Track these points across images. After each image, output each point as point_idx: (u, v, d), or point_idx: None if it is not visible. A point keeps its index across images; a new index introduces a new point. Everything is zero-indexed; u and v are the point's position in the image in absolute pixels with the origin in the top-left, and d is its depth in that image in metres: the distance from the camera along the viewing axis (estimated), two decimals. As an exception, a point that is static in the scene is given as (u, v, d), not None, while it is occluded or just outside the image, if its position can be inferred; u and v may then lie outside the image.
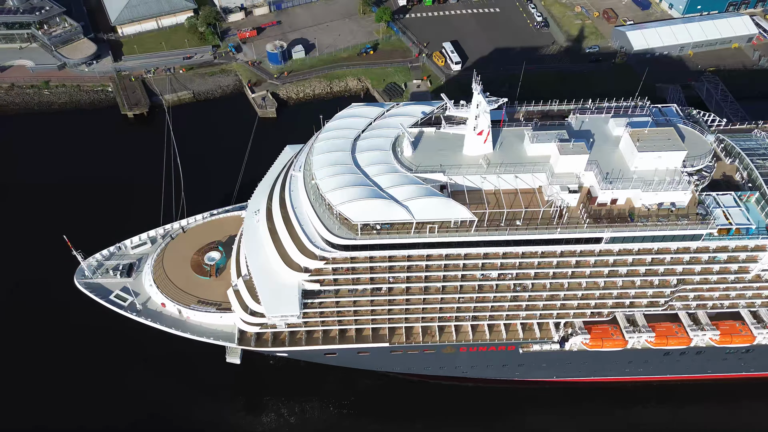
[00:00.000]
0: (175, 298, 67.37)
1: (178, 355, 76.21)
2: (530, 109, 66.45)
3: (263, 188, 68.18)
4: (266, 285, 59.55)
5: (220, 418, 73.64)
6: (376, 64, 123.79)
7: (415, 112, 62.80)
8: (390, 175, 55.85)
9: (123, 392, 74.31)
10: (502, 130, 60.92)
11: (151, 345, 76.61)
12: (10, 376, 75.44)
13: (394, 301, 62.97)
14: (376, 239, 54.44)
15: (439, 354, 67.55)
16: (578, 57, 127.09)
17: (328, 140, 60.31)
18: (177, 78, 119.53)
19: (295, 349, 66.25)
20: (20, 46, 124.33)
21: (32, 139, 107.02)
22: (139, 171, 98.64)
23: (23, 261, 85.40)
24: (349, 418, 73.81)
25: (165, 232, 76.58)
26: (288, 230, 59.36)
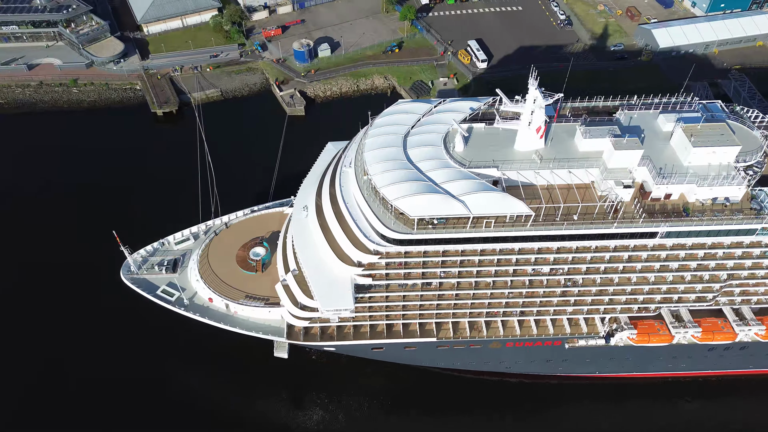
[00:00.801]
0: (222, 292, 67.96)
1: (218, 349, 77.01)
2: (575, 105, 66.89)
3: (310, 184, 68.60)
4: (319, 279, 60.05)
5: (264, 412, 73.80)
6: (401, 62, 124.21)
7: (463, 108, 63.27)
8: (444, 170, 56.32)
9: (167, 387, 74.75)
10: (553, 126, 61.33)
11: (191, 340, 77.47)
12: (58, 370, 75.99)
13: (443, 296, 63.52)
14: (432, 234, 55.00)
15: (486, 349, 68.04)
16: (603, 55, 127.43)
17: (379, 136, 60.76)
18: (204, 76, 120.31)
19: (343, 343, 66.88)
20: (47, 44, 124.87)
21: (65, 136, 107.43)
22: (173, 168, 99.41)
23: (62, 257, 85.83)
24: (391, 412, 74.16)
25: (207, 228, 77.18)
26: (340, 225, 59.82)
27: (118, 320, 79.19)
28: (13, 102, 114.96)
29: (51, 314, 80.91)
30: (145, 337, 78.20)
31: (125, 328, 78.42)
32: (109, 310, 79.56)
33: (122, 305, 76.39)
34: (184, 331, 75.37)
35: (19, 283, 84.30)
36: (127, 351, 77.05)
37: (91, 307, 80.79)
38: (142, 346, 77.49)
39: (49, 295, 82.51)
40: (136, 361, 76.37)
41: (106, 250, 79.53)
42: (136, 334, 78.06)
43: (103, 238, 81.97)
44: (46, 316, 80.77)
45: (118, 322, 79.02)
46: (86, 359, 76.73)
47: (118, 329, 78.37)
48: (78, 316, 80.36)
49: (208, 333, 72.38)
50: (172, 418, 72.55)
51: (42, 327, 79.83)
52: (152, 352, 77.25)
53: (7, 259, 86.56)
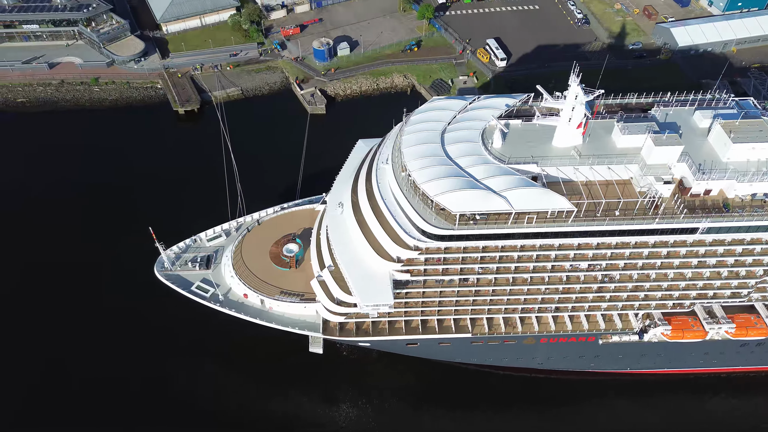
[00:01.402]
0: (257, 288, 68.38)
1: (246, 344, 77.87)
2: (608, 102, 67.20)
3: (343, 181, 68.99)
4: (357, 275, 60.39)
5: (298, 407, 74.03)
6: (420, 60, 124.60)
7: (498, 104, 63.56)
8: (484, 166, 56.64)
9: (199, 382, 75.12)
10: (590, 122, 61.52)
11: (219, 335, 78.25)
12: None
13: (480, 291, 63.83)
14: (474, 229, 55.39)
15: (520, 345, 68.39)
16: (622, 53, 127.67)
17: (416, 133, 61.07)
18: (225, 75, 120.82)
19: (378, 339, 67.22)
20: (67, 43, 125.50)
21: (88, 134, 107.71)
22: (197, 166, 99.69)
23: (94, 254, 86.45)
24: (421, 408, 74.31)
25: (238, 225, 77.66)
26: (379, 221, 60.10)
27: (147, 315, 79.63)
28: (35, 100, 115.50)
29: (66, 312, 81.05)
30: (174, 331, 78.63)
31: (154, 323, 78.91)
32: (140, 306, 79.90)
33: (151, 300, 77.09)
34: (211, 327, 76.29)
35: (30, 281, 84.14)
36: (155, 346, 77.46)
37: (113, 304, 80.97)
38: (170, 340, 77.98)
39: (67, 293, 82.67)
40: (163, 355, 76.95)
41: (128, 248, 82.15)
42: (164, 330, 78.51)
43: (129, 235, 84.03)
44: (61, 313, 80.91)
45: (147, 317, 79.47)
46: (107, 357, 76.83)
47: (146, 324, 78.81)
48: (97, 315, 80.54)
49: (230, 328, 74.05)
50: (201, 414, 72.99)
51: (54, 325, 79.88)
52: (181, 346, 77.83)
53: (23, 258, 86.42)
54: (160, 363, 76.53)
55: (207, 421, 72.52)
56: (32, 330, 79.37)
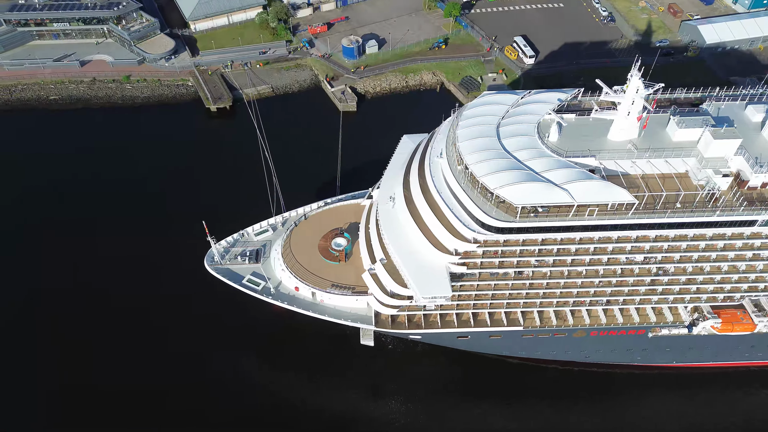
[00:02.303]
0: (309, 281, 69.22)
1: (290, 337, 79.07)
2: (656, 97, 67.67)
3: (393, 176, 69.58)
4: (414, 267, 60.99)
5: (343, 401, 74.55)
6: (448, 58, 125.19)
7: (551, 99, 64.17)
8: (542, 160, 57.27)
9: (244, 374, 75.89)
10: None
11: (263, 328, 79.70)
12: (142, 359, 76.87)
13: (533, 284, 64.49)
14: (535, 222, 56.06)
15: (569, 338, 68.98)
16: (649, 51, 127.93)
17: (472, 127, 61.66)
18: (255, 72, 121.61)
19: (429, 331, 67.84)
20: (96, 41, 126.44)
21: (122, 131, 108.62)
22: (234, 163, 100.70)
23: (138, 248, 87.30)
24: (468, 401, 74.63)
25: (283, 220, 78.45)
26: (435, 214, 60.75)
27: (194, 310, 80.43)
28: (67, 98, 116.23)
29: (113, 305, 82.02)
30: (219, 325, 79.41)
31: (204, 317, 79.58)
32: (188, 300, 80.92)
33: (197, 295, 78.20)
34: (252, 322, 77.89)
35: (78, 276, 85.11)
36: (202, 341, 78.15)
37: (171, 296, 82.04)
38: (213, 335, 78.76)
39: (113, 287, 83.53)
40: (210, 349, 77.76)
41: (170, 243, 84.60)
42: (212, 324, 79.30)
43: (171, 229, 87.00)
44: (109, 308, 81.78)
45: (194, 312, 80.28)
46: (156, 347, 77.53)
47: (186, 320, 79.42)
48: (155, 307, 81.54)
49: (276, 322, 76.42)
50: (252, 409, 73.58)
51: (105, 317, 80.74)
52: (227, 341, 78.55)
53: (69, 255, 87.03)
54: (208, 354, 76.98)
55: (254, 414, 72.93)
56: (86, 320, 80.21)
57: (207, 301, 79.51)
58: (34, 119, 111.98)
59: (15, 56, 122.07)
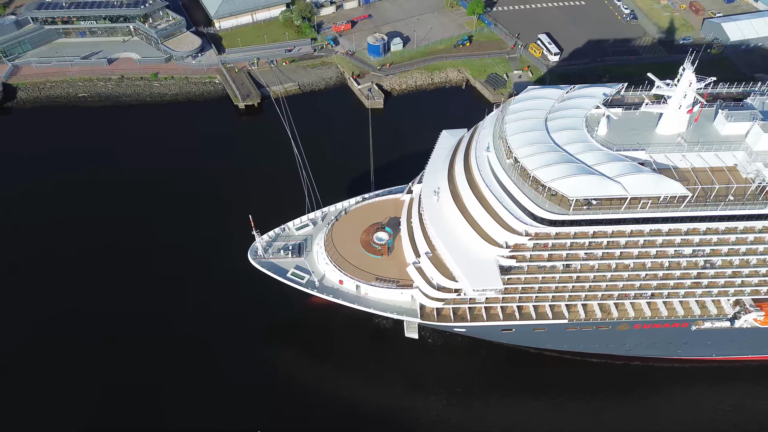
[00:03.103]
0: (353, 275, 69.78)
1: (326, 331, 79.68)
2: (707, 91, 67.75)
3: (435, 170, 70.03)
4: (463, 260, 61.56)
5: (381, 394, 74.97)
6: (473, 55, 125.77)
7: (596, 93, 64.68)
8: (593, 153, 57.73)
9: (286, 367, 76.55)
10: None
11: (298, 323, 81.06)
12: (194, 353, 77.35)
13: (580, 277, 65.02)
14: (588, 214, 56.57)
15: (613, 331, 69.49)
16: (673, 48, 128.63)
17: (520, 121, 62.17)
18: (281, 70, 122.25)
19: (474, 324, 68.43)
20: (123, 39, 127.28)
21: (153, 128, 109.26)
22: (266, 159, 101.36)
23: (172, 239, 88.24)
24: (507, 395, 75.12)
25: (323, 215, 79.18)
26: (483, 207, 61.29)
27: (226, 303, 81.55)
28: (96, 95, 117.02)
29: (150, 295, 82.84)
30: (258, 318, 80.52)
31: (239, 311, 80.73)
32: (234, 291, 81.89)
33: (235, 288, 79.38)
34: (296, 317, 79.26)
35: (115, 263, 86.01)
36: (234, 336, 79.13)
37: (215, 286, 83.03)
38: (251, 328, 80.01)
39: (147, 278, 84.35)
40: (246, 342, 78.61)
41: (206, 237, 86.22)
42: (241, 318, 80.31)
43: (207, 223, 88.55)
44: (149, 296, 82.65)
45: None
46: (199, 337, 78.11)
47: (226, 312, 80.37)
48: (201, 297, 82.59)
49: (313, 315, 77.68)
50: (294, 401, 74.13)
51: (146, 305, 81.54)
52: (266, 333, 79.97)
53: (96, 251, 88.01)
54: (249, 349, 77.65)
55: (292, 406, 73.34)
56: (133, 307, 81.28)
57: (243, 293, 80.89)
58: (66, 116, 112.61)
59: (42, 54, 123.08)
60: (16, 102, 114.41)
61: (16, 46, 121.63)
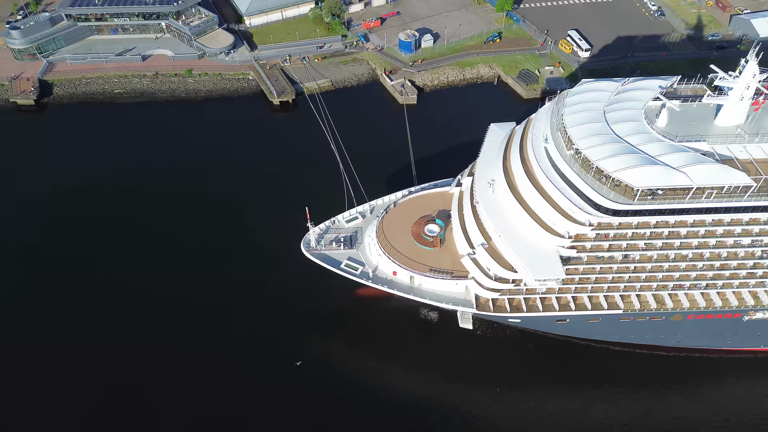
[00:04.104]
0: (407, 266, 70.49)
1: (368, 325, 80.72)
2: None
3: (488, 162, 70.71)
4: (523, 251, 62.39)
5: (426, 384, 75.43)
6: (503, 51, 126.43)
7: (652, 86, 65.38)
8: (656, 144, 58.49)
9: (336, 358, 77.23)
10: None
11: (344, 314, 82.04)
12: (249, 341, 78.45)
13: (638, 268, 65.69)
14: (654, 204, 57.30)
15: (666, 322, 70.15)
16: (702, 44, 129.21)
17: (578, 113, 62.79)
18: (313, 67, 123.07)
19: (529, 315, 69.18)
20: (156, 36, 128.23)
21: (194, 124, 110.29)
22: (306, 153, 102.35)
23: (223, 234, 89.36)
24: (558, 387, 75.16)
25: (371, 208, 79.96)
26: (543, 198, 61.95)
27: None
28: (131, 91, 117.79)
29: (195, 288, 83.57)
30: (307, 309, 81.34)
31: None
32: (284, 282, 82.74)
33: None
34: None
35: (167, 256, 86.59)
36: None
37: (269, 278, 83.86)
38: (300, 318, 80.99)
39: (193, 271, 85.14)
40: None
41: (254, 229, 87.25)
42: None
43: (255, 216, 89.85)
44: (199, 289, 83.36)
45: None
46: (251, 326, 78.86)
47: (274, 302, 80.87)
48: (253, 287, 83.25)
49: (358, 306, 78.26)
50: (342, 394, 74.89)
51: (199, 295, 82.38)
52: (314, 325, 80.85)
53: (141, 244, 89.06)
54: (296, 339, 78.45)
55: (341, 396, 74.12)
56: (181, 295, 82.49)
57: (290, 284, 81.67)
58: (103, 111, 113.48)
59: (75, 51, 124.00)
60: (52, 98, 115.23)
61: (50, 43, 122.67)
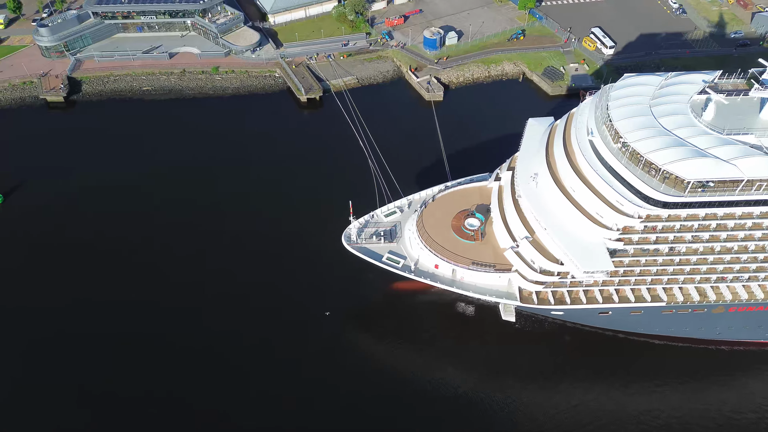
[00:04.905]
0: (450, 259, 71.18)
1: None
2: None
3: (529, 156, 71.30)
4: (570, 243, 62.96)
5: (464, 377, 75.89)
6: (527, 49, 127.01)
7: (696, 80, 65.97)
8: (705, 137, 59.10)
9: (373, 349, 77.99)
10: None
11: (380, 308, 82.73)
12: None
13: (682, 260, 66.29)
14: (704, 196, 57.91)
15: (707, 314, 70.80)
16: (725, 42, 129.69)
17: (624, 107, 63.37)
18: (339, 64, 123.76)
19: (573, 307, 69.89)
20: (181, 33, 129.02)
21: (224, 120, 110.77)
22: (336, 150, 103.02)
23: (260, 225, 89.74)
24: (598, 380, 75.44)
25: (408, 202, 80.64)
26: (590, 190, 62.58)
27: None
28: (159, 88, 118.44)
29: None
30: (346, 302, 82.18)
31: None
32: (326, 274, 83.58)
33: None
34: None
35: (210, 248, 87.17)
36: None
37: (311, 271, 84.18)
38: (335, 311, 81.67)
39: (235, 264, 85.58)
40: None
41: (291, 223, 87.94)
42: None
43: (290, 210, 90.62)
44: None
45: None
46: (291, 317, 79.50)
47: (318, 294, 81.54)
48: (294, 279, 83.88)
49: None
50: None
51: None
52: (355, 317, 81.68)
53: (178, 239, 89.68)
54: (335, 333, 78.91)
55: (382, 385, 74.63)
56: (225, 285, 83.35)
57: (322, 281, 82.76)
58: (133, 108, 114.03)
59: (101, 48, 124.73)
60: (81, 95, 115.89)
61: (77, 41, 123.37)
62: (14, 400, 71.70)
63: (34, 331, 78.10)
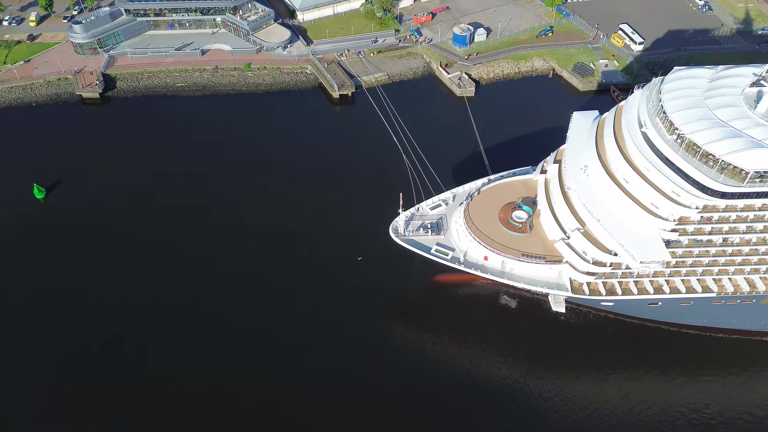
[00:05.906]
0: (499, 251, 71.79)
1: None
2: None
3: (578, 149, 71.75)
4: (625, 234, 63.62)
5: (503, 367, 76.13)
6: (556, 45, 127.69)
7: (746, 73, 66.57)
8: (761, 128, 59.73)
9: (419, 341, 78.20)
10: None
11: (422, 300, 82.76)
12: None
13: (734, 251, 66.81)
14: (763, 187, 58.44)
15: (755, 305, 71.35)
16: (752, 38, 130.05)
17: (678, 99, 64.02)
18: (369, 61, 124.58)
19: (623, 298, 70.46)
20: (212, 31, 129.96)
21: (260, 116, 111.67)
22: (371, 145, 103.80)
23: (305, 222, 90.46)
24: (641, 372, 75.60)
25: (453, 195, 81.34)
26: (645, 181, 63.18)
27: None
28: (192, 85, 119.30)
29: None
30: (388, 294, 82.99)
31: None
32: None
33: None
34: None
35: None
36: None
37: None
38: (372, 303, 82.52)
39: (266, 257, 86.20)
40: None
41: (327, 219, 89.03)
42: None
43: (331, 206, 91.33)
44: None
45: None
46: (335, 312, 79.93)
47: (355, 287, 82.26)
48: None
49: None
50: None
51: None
52: (400, 310, 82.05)
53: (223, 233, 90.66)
54: (378, 327, 79.56)
55: (428, 378, 75.10)
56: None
57: (364, 275, 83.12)
58: (168, 104, 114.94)
59: (134, 45, 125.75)
60: (116, 91, 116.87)
61: (110, 38, 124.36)
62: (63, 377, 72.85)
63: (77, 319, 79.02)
